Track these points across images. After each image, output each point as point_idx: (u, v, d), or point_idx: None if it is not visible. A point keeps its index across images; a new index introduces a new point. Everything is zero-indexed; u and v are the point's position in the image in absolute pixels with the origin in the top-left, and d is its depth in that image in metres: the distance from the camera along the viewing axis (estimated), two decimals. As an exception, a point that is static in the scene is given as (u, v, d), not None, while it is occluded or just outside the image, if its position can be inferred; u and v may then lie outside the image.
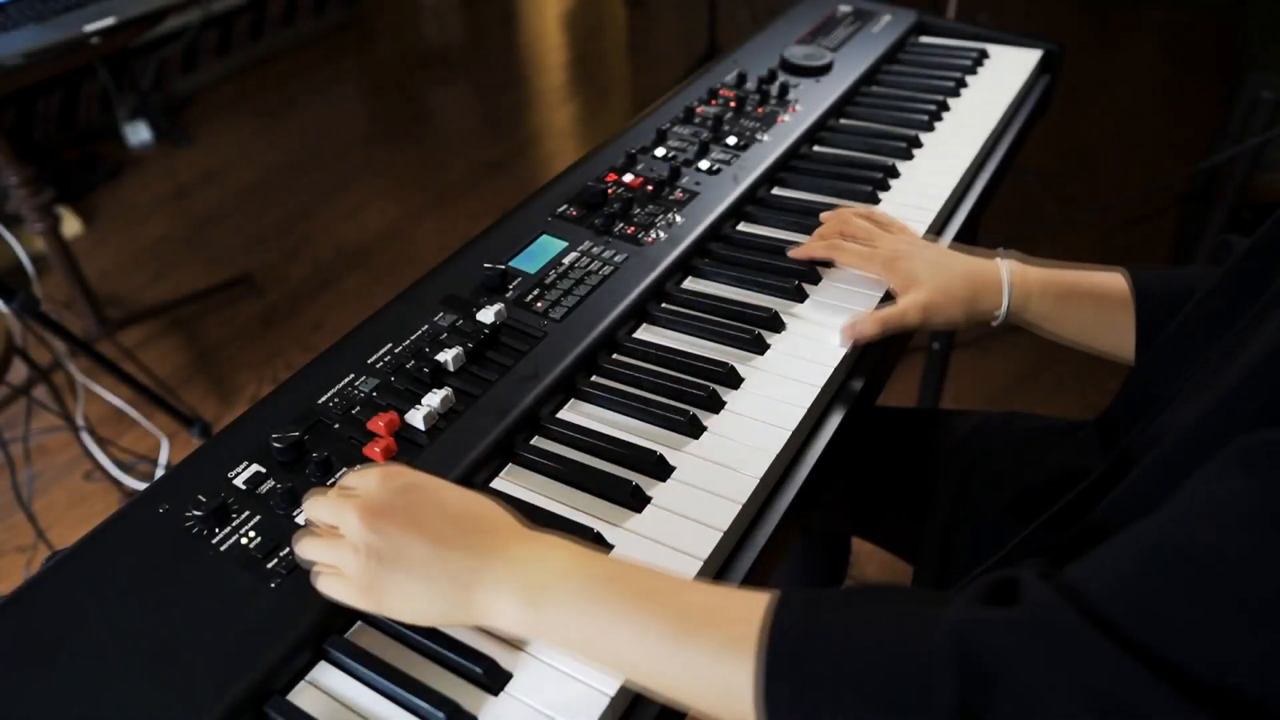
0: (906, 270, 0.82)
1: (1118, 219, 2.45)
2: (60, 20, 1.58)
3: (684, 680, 0.48)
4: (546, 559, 0.53)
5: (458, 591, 0.53)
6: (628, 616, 0.49)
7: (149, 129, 2.99)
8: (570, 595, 0.51)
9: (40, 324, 1.48)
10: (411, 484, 0.56)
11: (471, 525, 0.55)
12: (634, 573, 0.52)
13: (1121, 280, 0.81)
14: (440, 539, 0.54)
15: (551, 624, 0.51)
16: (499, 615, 0.52)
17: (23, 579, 0.91)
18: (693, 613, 0.49)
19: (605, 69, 3.58)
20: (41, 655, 0.54)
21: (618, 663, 0.51)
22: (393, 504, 0.55)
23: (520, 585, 0.52)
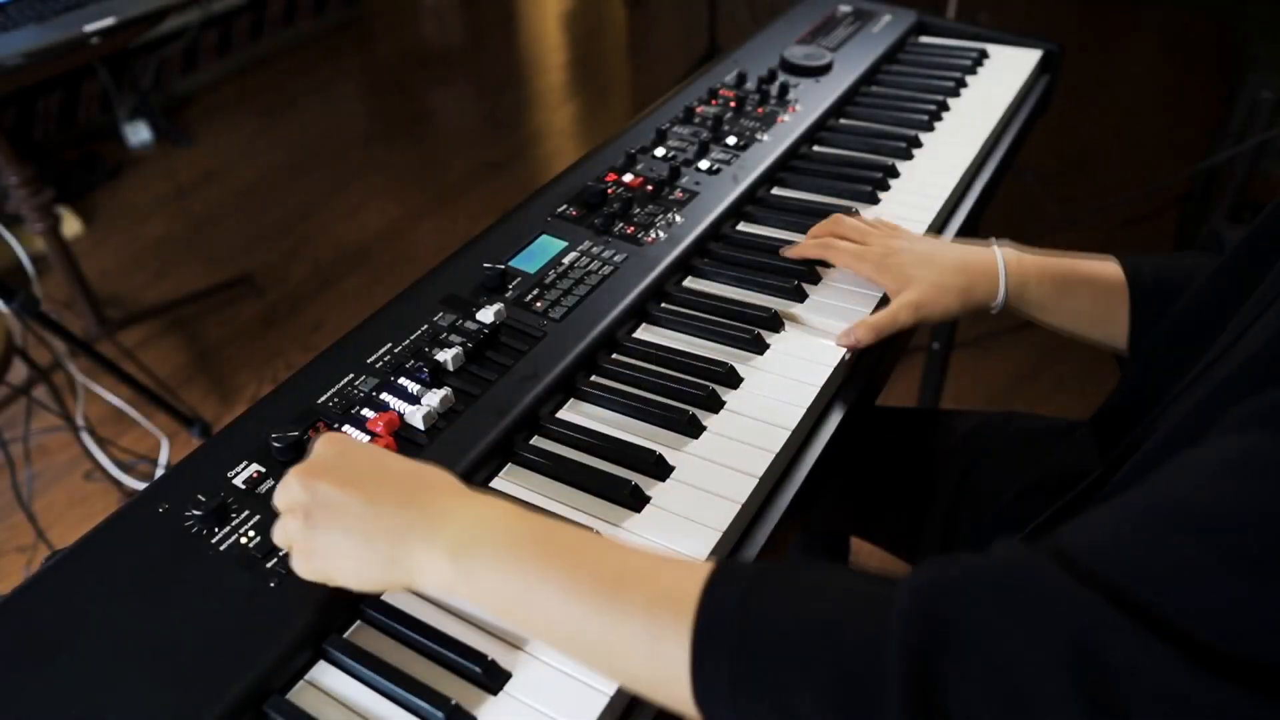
0: (897, 269, 0.82)
1: (1118, 219, 2.45)
2: (60, 20, 1.58)
3: (614, 648, 0.45)
4: (481, 517, 0.51)
5: (393, 548, 0.51)
6: (553, 576, 0.47)
7: (149, 129, 2.99)
8: (498, 551, 0.49)
9: (40, 324, 1.48)
10: (350, 447, 0.56)
11: (409, 484, 0.54)
12: (566, 532, 0.50)
13: (1116, 268, 0.81)
14: (375, 497, 0.52)
15: (479, 582, 0.49)
16: (429, 573, 0.51)
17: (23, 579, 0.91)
18: (622, 575, 0.46)
19: (605, 69, 3.58)
20: (41, 655, 0.54)
21: (544, 626, 0.48)
22: (329, 464, 0.54)
23: (450, 541, 0.50)
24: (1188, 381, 0.62)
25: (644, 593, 0.45)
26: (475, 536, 0.50)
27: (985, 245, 0.84)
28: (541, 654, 0.56)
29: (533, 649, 0.57)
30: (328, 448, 0.56)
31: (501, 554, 0.49)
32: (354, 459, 0.55)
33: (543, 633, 0.50)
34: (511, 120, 3.19)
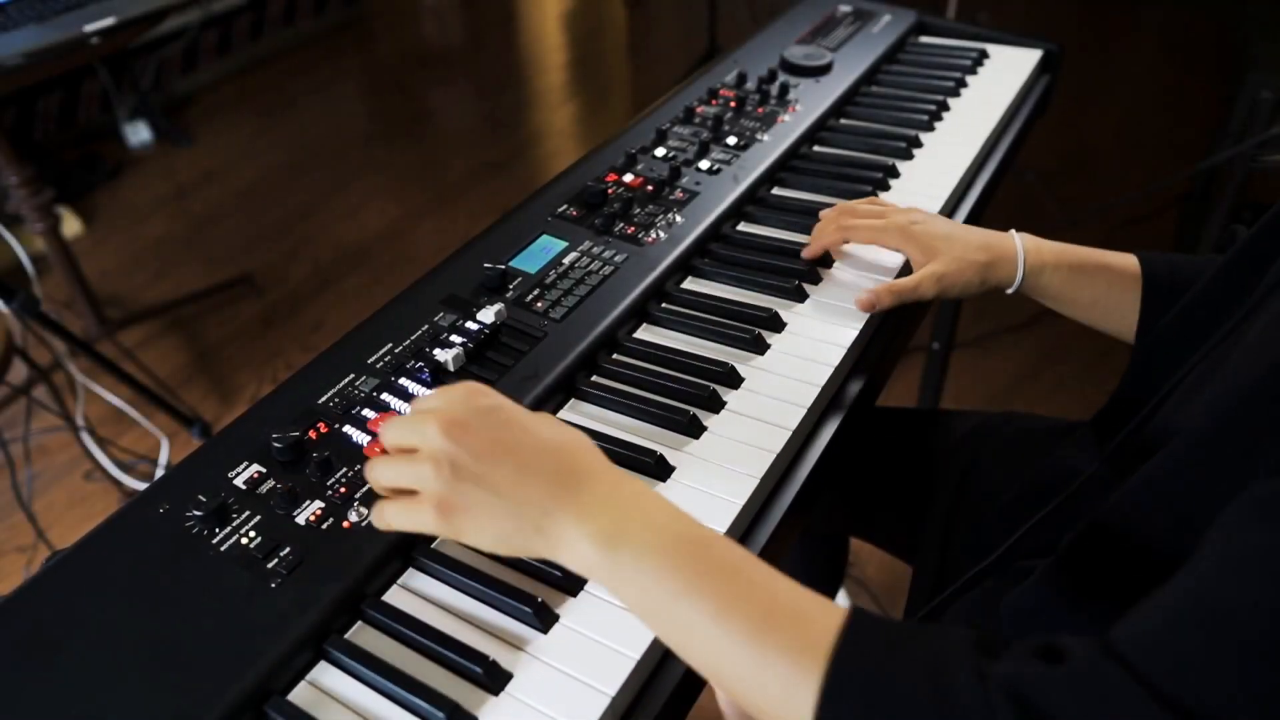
0: (924, 238, 0.82)
1: (1118, 219, 2.45)
2: (60, 20, 1.58)
3: (746, 674, 0.46)
4: (640, 507, 0.50)
5: (539, 518, 0.50)
6: (707, 592, 0.46)
7: (149, 129, 2.99)
8: (650, 550, 0.48)
9: (40, 324, 1.48)
10: (497, 405, 0.53)
11: (560, 456, 0.52)
12: (721, 546, 0.49)
13: (1134, 260, 0.82)
14: (525, 462, 0.51)
15: (624, 575, 0.48)
16: (571, 551, 0.50)
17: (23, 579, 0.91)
18: (777, 608, 0.46)
19: (605, 69, 3.58)
20: (42, 655, 0.54)
21: (680, 636, 0.48)
22: (478, 420, 0.52)
23: (601, 526, 0.49)
24: (1183, 375, 0.62)
25: (790, 636, 0.45)
26: (628, 529, 0.49)
27: (1004, 233, 0.84)
28: (542, 654, 0.56)
29: (534, 649, 0.57)
30: (473, 399, 0.53)
31: (654, 555, 0.48)
32: (503, 417, 0.53)
33: (675, 640, 0.49)
34: (511, 120, 3.19)
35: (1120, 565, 0.57)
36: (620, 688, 0.54)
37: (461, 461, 0.51)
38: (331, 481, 0.64)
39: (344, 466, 0.65)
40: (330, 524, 0.61)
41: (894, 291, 0.80)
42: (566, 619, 0.58)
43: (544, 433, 0.53)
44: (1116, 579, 0.58)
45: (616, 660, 0.55)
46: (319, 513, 0.62)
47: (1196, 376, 0.62)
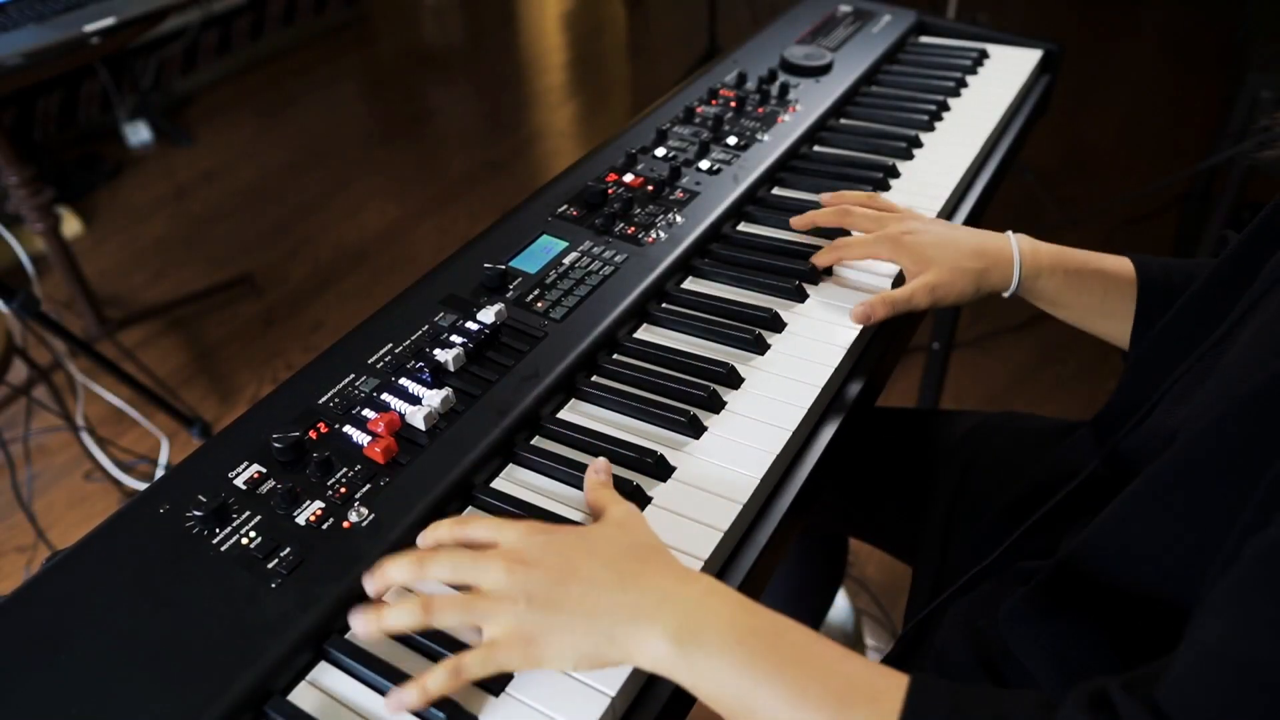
0: (916, 249, 0.82)
1: (1118, 219, 2.45)
2: (60, 20, 1.58)
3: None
4: (705, 605, 0.52)
5: (611, 629, 0.52)
6: (784, 681, 0.49)
7: (149, 129, 2.99)
8: (724, 645, 0.50)
9: (40, 324, 1.48)
10: (552, 537, 0.56)
11: (623, 563, 0.54)
12: (793, 633, 0.51)
13: (1129, 265, 0.82)
14: (593, 580, 0.53)
15: (701, 670, 0.50)
16: (646, 654, 0.51)
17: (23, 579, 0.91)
18: (851, 689, 0.48)
19: (605, 69, 3.58)
20: (42, 655, 0.54)
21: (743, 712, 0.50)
22: (539, 553, 0.54)
23: (672, 627, 0.51)
24: (1180, 375, 0.62)
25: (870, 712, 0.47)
26: (699, 624, 0.51)
27: (1000, 235, 0.84)
28: (542, 654, 0.56)
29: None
30: (532, 537, 0.56)
31: (729, 649, 0.50)
32: (562, 545, 0.55)
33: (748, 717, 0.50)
34: (511, 120, 3.19)
35: (1119, 571, 0.57)
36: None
37: (532, 594, 0.53)
38: (331, 481, 0.64)
39: (344, 467, 0.65)
40: (330, 524, 0.61)
41: (888, 303, 0.80)
42: (566, 619, 0.58)
43: (603, 550, 0.55)
44: (1115, 585, 0.58)
45: (617, 660, 0.55)
46: (319, 513, 0.62)
47: (1193, 377, 0.62)
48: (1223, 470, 0.49)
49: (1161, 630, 0.54)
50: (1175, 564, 0.53)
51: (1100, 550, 0.58)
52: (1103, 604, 0.58)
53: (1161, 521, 0.53)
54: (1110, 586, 0.58)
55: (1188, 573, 0.51)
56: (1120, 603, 0.57)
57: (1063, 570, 0.61)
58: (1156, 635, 0.54)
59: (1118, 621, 0.58)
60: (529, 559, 0.54)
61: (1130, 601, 0.56)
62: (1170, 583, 0.53)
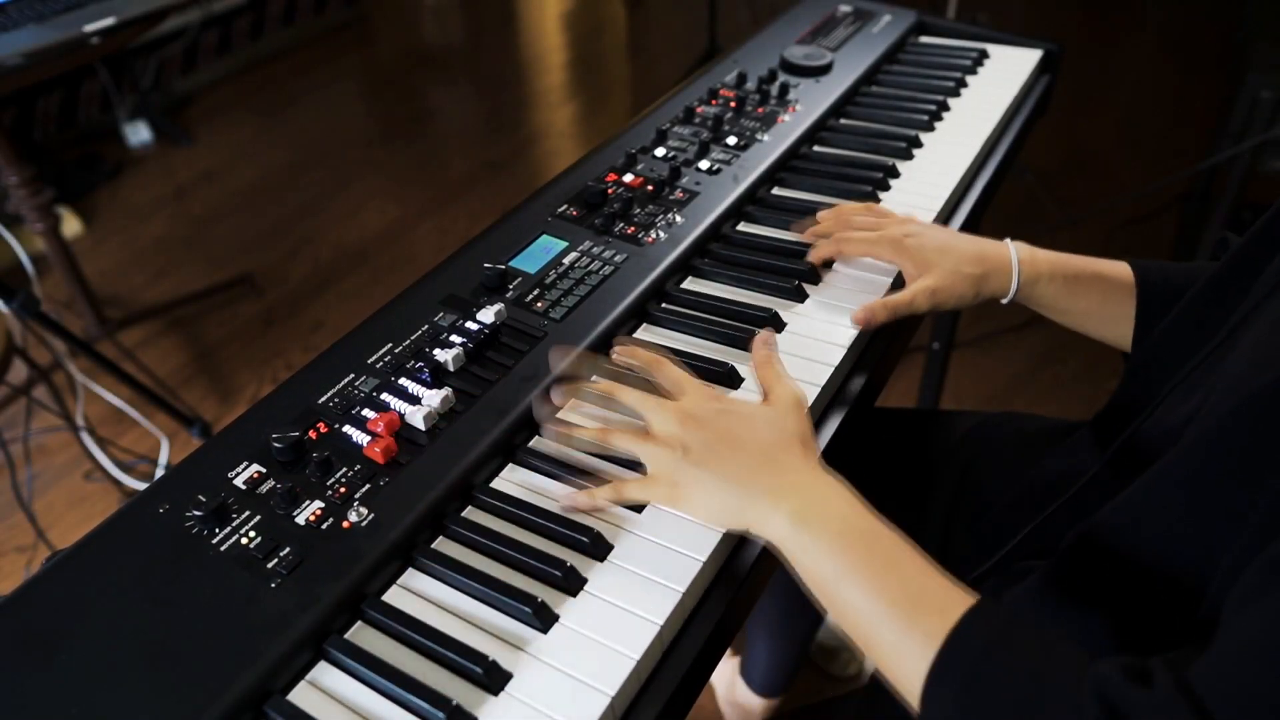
0: (917, 252, 0.82)
1: (1118, 219, 2.45)
2: (60, 20, 1.58)
3: (881, 643, 0.54)
4: (825, 497, 0.60)
5: (747, 499, 0.60)
6: (864, 576, 0.55)
7: (149, 129, 2.99)
8: (829, 536, 0.57)
9: (40, 324, 1.48)
10: (726, 408, 0.65)
11: (772, 450, 0.62)
12: (887, 539, 0.57)
13: (1128, 269, 0.82)
14: (743, 456, 0.61)
15: (805, 552, 0.58)
16: (768, 526, 0.59)
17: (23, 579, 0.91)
18: (920, 599, 0.53)
19: (605, 69, 3.58)
20: (41, 655, 0.54)
21: (840, 606, 0.56)
22: (710, 417, 0.63)
23: (795, 511, 0.58)
24: (1183, 376, 0.62)
25: (929, 623, 0.52)
26: (816, 514, 0.58)
27: (999, 242, 0.84)
28: (542, 654, 0.56)
29: (534, 649, 0.57)
30: (708, 402, 0.65)
31: (832, 539, 0.57)
32: (730, 418, 0.64)
33: (836, 608, 0.57)
34: (511, 120, 3.19)
35: (1119, 569, 0.57)
36: (620, 688, 0.54)
37: (691, 449, 0.62)
38: (331, 481, 0.64)
39: (344, 467, 0.65)
40: (330, 524, 0.61)
41: (888, 307, 0.80)
42: (566, 619, 0.58)
43: (760, 432, 0.63)
44: (1115, 583, 0.58)
45: (616, 660, 0.55)
46: (319, 513, 0.62)
47: (1196, 377, 0.62)
48: (1232, 466, 0.50)
49: (1166, 623, 0.54)
50: (1181, 559, 0.53)
51: (1105, 546, 0.58)
52: (1107, 598, 0.59)
53: (1168, 517, 0.54)
54: (1114, 581, 0.58)
55: (1193, 567, 0.52)
56: (1124, 597, 0.57)
57: (1065, 565, 0.61)
58: (1161, 628, 0.54)
59: (1121, 615, 0.58)
60: (699, 418, 0.63)
61: (1134, 595, 0.57)
62: (1175, 577, 0.53)
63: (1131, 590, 0.57)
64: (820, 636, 1.53)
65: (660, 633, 0.57)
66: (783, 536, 0.59)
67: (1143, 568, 0.55)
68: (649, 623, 0.57)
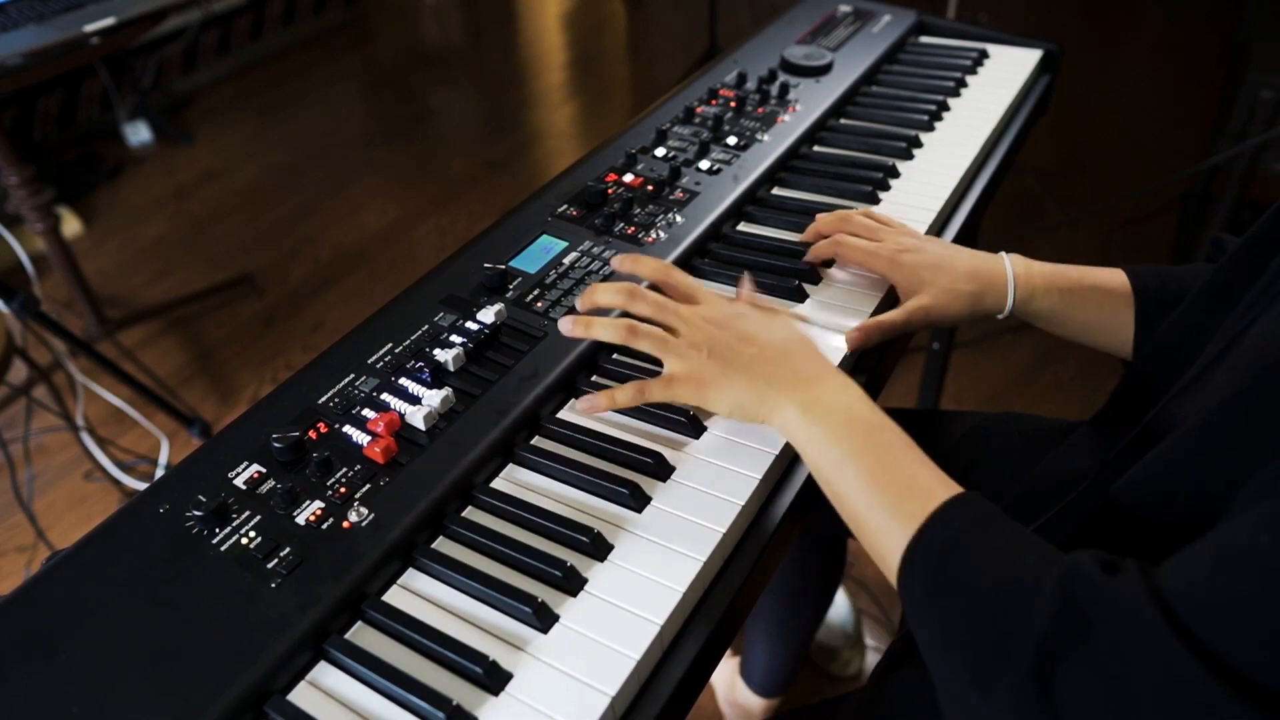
0: (911, 270, 0.82)
1: (1118, 219, 2.45)
2: (60, 20, 1.58)
3: (869, 522, 0.59)
4: (835, 390, 0.65)
5: (765, 391, 0.65)
6: (862, 462, 0.60)
7: (149, 129, 2.99)
8: (834, 424, 0.62)
9: (40, 324, 1.48)
10: (742, 312, 0.71)
11: (786, 349, 0.68)
12: (887, 432, 0.62)
13: (1123, 277, 0.81)
14: (760, 354, 0.67)
15: (813, 438, 0.63)
16: (780, 416, 0.65)
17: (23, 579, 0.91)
18: (913, 486, 0.58)
19: (605, 69, 3.58)
20: (41, 655, 0.54)
21: (838, 489, 0.61)
22: (729, 321, 0.70)
23: (806, 400, 0.64)
24: (1188, 379, 0.62)
25: (917, 506, 0.56)
26: (825, 405, 0.64)
27: (995, 256, 0.84)
28: (542, 654, 0.56)
29: (534, 649, 0.57)
30: (725, 306, 0.71)
31: (836, 428, 0.62)
32: (748, 321, 0.70)
33: (834, 491, 0.62)
34: (511, 120, 3.19)
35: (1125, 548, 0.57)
36: (620, 688, 0.54)
37: (716, 348, 0.68)
38: (331, 481, 0.64)
39: (344, 466, 0.65)
40: (330, 524, 0.62)
41: (882, 329, 0.79)
42: (566, 619, 0.58)
43: (777, 334, 0.69)
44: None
45: (616, 660, 0.56)
46: (319, 513, 0.62)
47: (1194, 378, 0.62)
48: (1226, 452, 0.50)
49: None
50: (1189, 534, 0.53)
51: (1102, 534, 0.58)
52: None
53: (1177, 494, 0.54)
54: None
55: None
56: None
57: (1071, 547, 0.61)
58: None
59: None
60: (718, 320, 0.69)
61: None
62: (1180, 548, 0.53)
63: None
64: (820, 636, 1.53)
65: (660, 633, 0.57)
66: (793, 425, 0.64)
67: (1147, 544, 0.55)
68: (649, 623, 0.57)
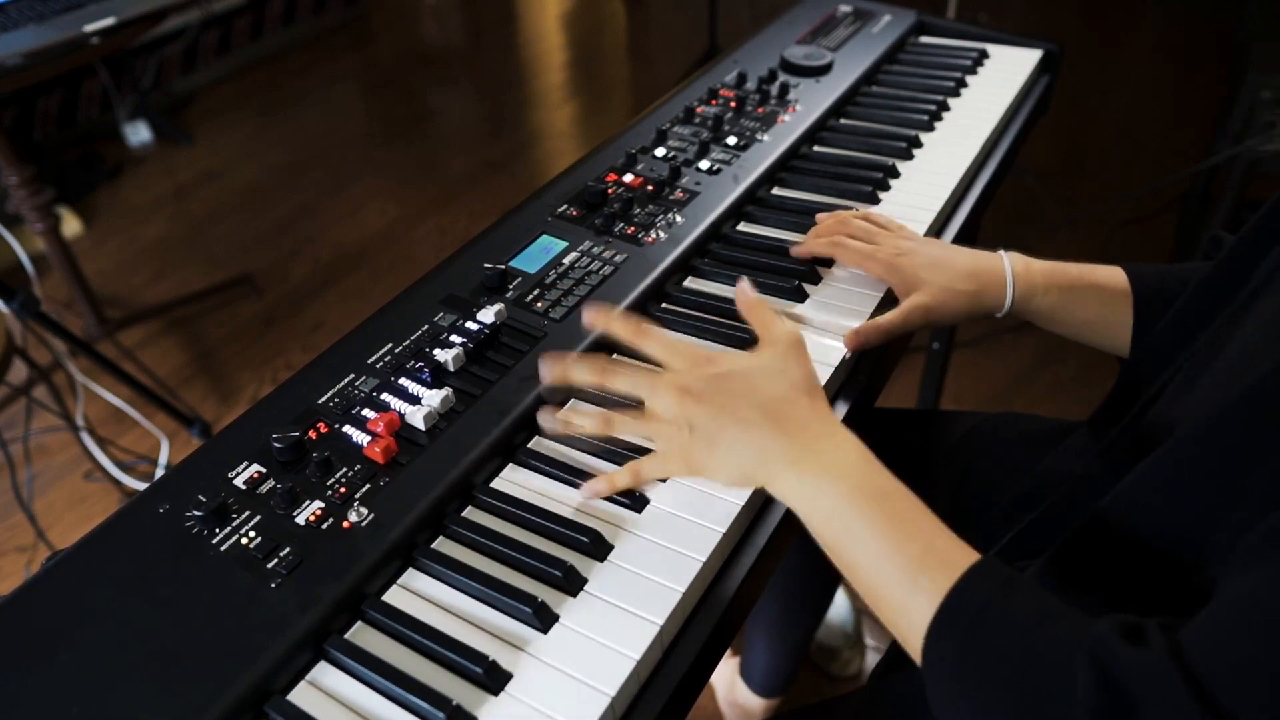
0: (909, 270, 0.81)
1: (1118, 219, 2.45)
2: (60, 20, 1.58)
3: (887, 597, 0.56)
4: (833, 454, 0.60)
5: (759, 458, 0.61)
6: (873, 533, 0.57)
7: (149, 129, 2.99)
8: (838, 494, 0.58)
9: (40, 324, 1.48)
10: (724, 372, 0.63)
11: (778, 409, 0.62)
12: (897, 500, 0.58)
13: (1122, 275, 0.81)
14: (748, 423, 0.61)
15: (816, 509, 0.59)
16: (780, 485, 0.61)
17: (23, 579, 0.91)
18: (926, 555, 0.55)
19: (605, 69, 3.58)
20: (41, 655, 0.54)
21: (848, 561, 0.58)
22: (708, 388, 0.62)
23: (803, 468, 0.60)
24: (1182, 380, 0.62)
25: (937, 578, 0.53)
26: (825, 473, 0.59)
27: (994, 255, 0.84)
28: (542, 654, 0.56)
29: (534, 649, 0.57)
30: (703, 369, 0.63)
31: (842, 497, 0.58)
32: (730, 384, 0.63)
33: (844, 563, 0.59)
34: (511, 120, 3.19)
35: (1115, 561, 0.57)
36: (620, 688, 0.54)
37: (695, 425, 0.62)
38: (331, 481, 0.64)
39: (344, 466, 0.65)
40: (330, 524, 0.62)
41: (881, 330, 0.79)
42: (566, 619, 0.58)
43: (762, 390, 0.63)
44: (1111, 575, 0.58)
45: (616, 660, 0.56)
46: (319, 513, 0.62)
47: (1189, 373, 0.62)
48: (1222, 459, 0.50)
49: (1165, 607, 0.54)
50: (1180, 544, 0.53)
51: (1103, 535, 0.58)
52: (1106, 585, 0.59)
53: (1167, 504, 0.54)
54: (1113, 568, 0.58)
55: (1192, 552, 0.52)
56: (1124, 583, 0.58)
57: (1059, 560, 0.61)
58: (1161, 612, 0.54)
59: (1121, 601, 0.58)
60: (695, 393, 0.62)
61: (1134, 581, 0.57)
62: (1174, 562, 0.53)
63: (1131, 576, 0.57)
64: (820, 636, 1.53)
65: (660, 633, 0.57)
66: (795, 497, 0.61)
67: (1141, 554, 0.56)
68: (649, 623, 0.57)
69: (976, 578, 0.52)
